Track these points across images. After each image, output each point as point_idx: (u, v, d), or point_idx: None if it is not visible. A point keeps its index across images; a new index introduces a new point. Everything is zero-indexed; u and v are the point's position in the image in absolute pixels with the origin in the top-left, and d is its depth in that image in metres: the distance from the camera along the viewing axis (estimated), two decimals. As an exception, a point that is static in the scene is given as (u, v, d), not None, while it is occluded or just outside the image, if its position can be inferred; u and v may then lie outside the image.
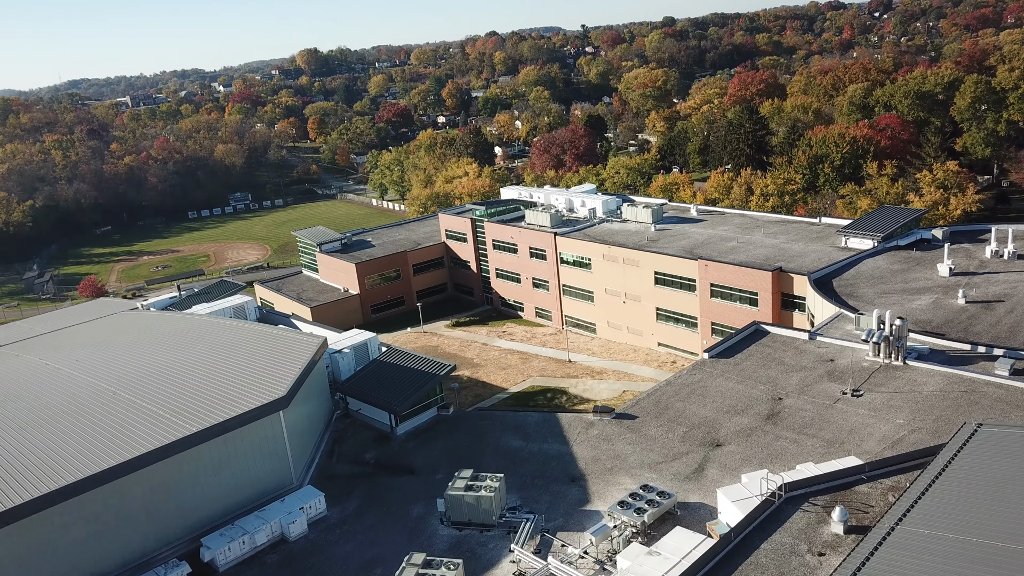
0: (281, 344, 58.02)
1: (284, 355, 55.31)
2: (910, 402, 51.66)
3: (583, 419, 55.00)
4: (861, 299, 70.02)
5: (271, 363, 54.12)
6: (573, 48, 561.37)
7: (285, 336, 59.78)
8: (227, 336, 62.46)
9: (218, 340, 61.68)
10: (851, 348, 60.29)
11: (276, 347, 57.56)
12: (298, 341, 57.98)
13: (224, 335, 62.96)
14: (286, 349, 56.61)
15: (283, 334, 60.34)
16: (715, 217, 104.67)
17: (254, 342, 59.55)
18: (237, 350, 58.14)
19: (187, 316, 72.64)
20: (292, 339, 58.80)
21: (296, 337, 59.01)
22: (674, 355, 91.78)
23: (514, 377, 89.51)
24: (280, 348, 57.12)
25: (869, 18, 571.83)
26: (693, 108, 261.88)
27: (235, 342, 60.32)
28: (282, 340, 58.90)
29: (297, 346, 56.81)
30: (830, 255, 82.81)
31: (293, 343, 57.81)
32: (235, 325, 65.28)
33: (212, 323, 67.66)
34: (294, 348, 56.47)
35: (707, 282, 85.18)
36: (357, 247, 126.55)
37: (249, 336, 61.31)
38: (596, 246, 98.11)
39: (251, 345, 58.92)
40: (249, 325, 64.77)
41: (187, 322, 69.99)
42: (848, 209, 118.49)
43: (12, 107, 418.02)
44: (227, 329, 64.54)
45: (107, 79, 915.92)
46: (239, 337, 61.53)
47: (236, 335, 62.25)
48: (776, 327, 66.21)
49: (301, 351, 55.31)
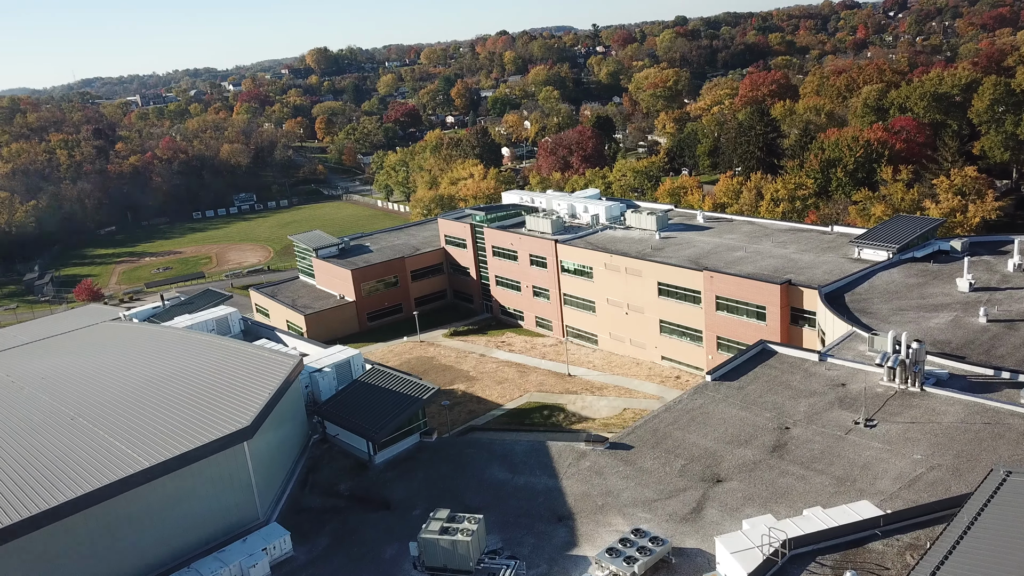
0: (254, 364, 54.46)
1: (255, 377, 51.73)
2: (928, 434, 47.59)
3: (574, 449, 51.15)
4: (875, 316, 65.90)
5: (240, 386, 50.54)
6: (584, 48, 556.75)
7: (259, 355, 56.23)
8: (199, 354, 58.97)
9: (189, 358, 58.19)
10: (864, 371, 56.23)
11: (248, 367, 54.00)
12: (272, 361, 54.41)
13: (197, 352, 59.48)
14: (258, 370, 53.03)
15: (258, 353, 56.80)
16: (722, 224, 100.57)
17: (226, 361, 56.03)
18: (207, 370, 54.63)
19: (164, 329, 69.23)
20: (266, 359, 55.22)
21: (270, 357, 55.44)
22: (678, 370, 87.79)
23: (510, 392, 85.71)
24: (252, 369, 53.55)
25: (884, 17, 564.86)
26: (703, 109, 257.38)
27: (206, 361, 56.82)
28: (256, 359, 55.34)
29: (270, 367, 53.23)
30: (842, 267, 78.65)
31: (267, 363, 54.23)
32: (210, 341, 61.79)
33: (187, 338, 64.22)
34: (267, 369, 52.88)
35: (712, 294, 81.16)
36: (355, 252, 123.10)
37: (222, 354, 57.79)
38: (598, 254, 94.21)
39: (223, 364, 55.40)
40: (224, 341, 61.25)
41: (162, 336, 66.57)
42: (861, 216, 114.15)
43: (20, 106, 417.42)
44: (201, 345, 61.06)
45: (120, 78, 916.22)
46: (212, 355, 58.02)
47: (209, 352, 58.75)
48: (784, 347, 62.18)
49: (273, 373, 51.72)
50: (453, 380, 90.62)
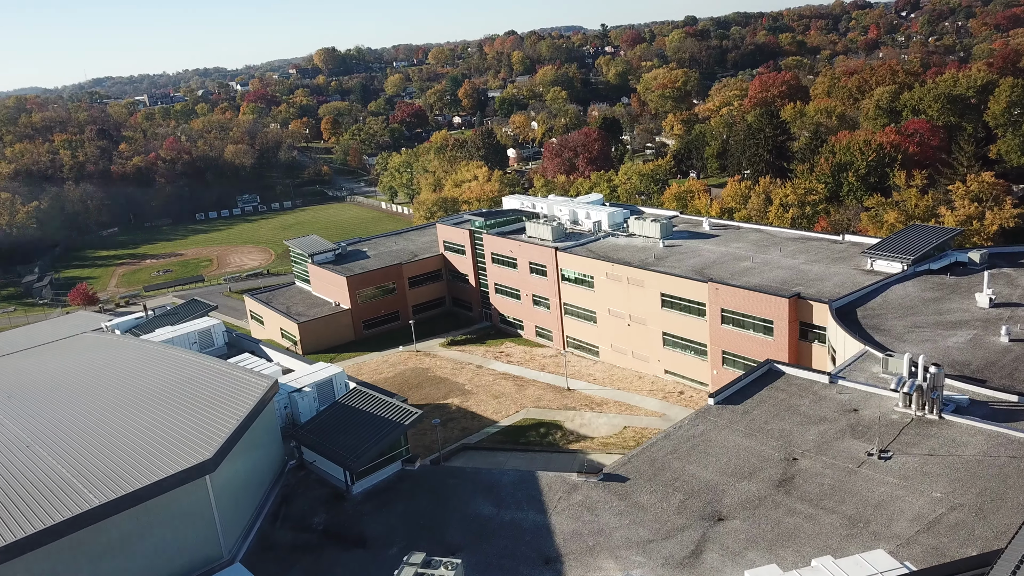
0: (226, 386, 51.16)
1: (225, 401, 48.43)
2: (948, 469, 43.90)
3: (566, 480, 47.60)
4: (889, 333, 62.16)
5: (208, 411, 47.25)
6: (592, 48, 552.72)
7: (232, 375, 52.92)
8: (171, 372, 55.74)
9: (160, 378, 54.97)
10: (878, 396, 52.52)
11: (220, 389, 50.71)
12: (245, 383, 51.09)
13: (168, 370, 56.26)
14: (230, 393, 49.74)
15: (231, 373, 53.49)
16: (729, 233, 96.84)
17: (197, 382, 52.75)
18: (175, 392, 51.37)
19: (140, 344, 66.05)
20: (239, 380, 51.91)
21: (244, 378, 52.12)
22: (682, 384, 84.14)
23: (506, 408, 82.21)
24: (224, 391, 50.26)
25: (896, 17, 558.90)
26: (712, 110, 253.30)
27: (177, 381, 53.57)
28: (228, 380, 52.04)
29: (242, 390, 49.92)
30: (854, 279, 74.87)
31: (239, 385, 50.92)
32: (184, 358, 58.53)
33: (161, 354, 61.01)
34: (238, 392, 49.58)
35: (718, 307, 77.49)
36: (351, 258, 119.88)
37: (194, 373, 54.53)
38: (599, 263, 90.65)
39: (193, 386, 52.12)
40: (199, 359, 57.98)
41: (137, 351, 63.41)
42: (873, 223, 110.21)
43: (26, 106, 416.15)
44: (174, 363, 57.84)
45: (130, 77, 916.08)
46: (183, 374, 54.78)
47: (181, 371, 55.51)
48: (792, 367, 58.45)
49: (245, 397, 48.39)
50: (447, 394, 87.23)
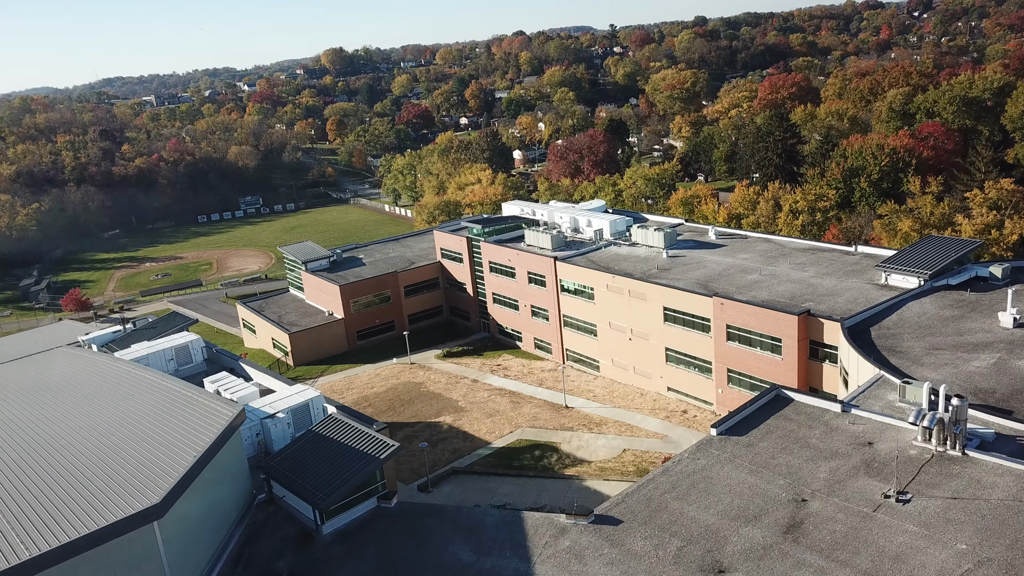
0: (187, 416, 47.47)
1: (184, 434, 44.74)
2: (974, 515, 39.80)
3: (553, 523, 43.66)
4: (905, 356, 57.98)
5: (165, 444, 43.56)
6: (601, 48, 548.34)
7: (196, 403, 49.19)
8: (133, 398, 52.12)
9: (121, 404, 51.37)
10: (894, 427, 48.39)
11: (181, 419, 47.04)
12: (208, 412, 47.37)
13: (130, 396, 52.65)
14: (190, 424, 46.04)
15: (196, 399, 49.75)
16: (736, 242, 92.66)
17: (159, 409, 49.10)
18: (132, 422, 47.75)
19: (109, 363, 62.46)
20: (204, 408, 48.18)
21: (209, 405, 48.38)
22: (685, 403, 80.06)
23: (500, 427, 78.29)
24: (183, 422, 46.57)
25: (908, 18, 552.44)
26: (721, 112, 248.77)
27: (138, 408, 49.95)
28: (191, 409, 48.34)
29: (205, 419, 46.21)
30: (867, 295, 70.67)
31: (201, 415, 47.20)
32: (149, 381, 54.84)
33: (128, 376, 57.36)
34: (199, 424, 45.87)
35: (723, 323, 73.38)
36: (346, 265, 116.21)
37: (156, 400, 50.87)
38: (599, 274, 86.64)
39: (152, 415, 48.47)
40: (165, 382, 54.23)
41: (103, 372, 59.86)
42: (887, 232, 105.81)
43: (31, 106, 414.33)
44: (138, 386, 54.21)
45: (140, 77, 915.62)
46: (146, 400, 51.15)
47: (143, 397, 51.88)
48: (801, 394, 54.32)
49: (206, 429, 44.67)
50: (440, 411, 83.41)
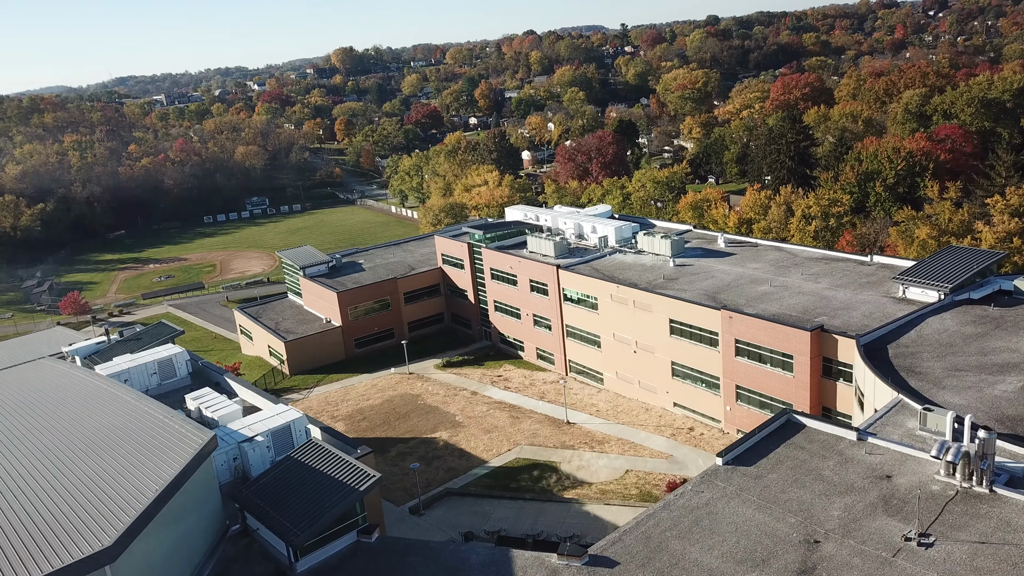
0: (156, 441, 44.57)
1: (150, 462, 41.83)
2: (1003, 562, 36.37)
3: (544, 564, 40.46)
4: (925, 377, 54.48)
5: (127, 476, 40.64)
6: (612, 48, 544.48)
7: (168, 426, 46.25)
8: (102, 419, 49.28)
9: (87, 427, 48.51)
10: (915, 459, 44.94)
11: (148, 446, 44.15)
12: (178, 438, 44.41)
13: (101, 417, 49.83)
14: (158, 450, 43.14)
15: (166, 423, 46.79)
16: (746, 250, 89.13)
17: (125, 434, 46.25)
18: (99, 447, 44.93)
19: (85, 379, 59.61)
20: (173, 433, 45.23)
21: (178, 431, 45.42)
22: (692, 420, 76.65)
23: (498, 444, 75.07)
24: (152, 448, 43.68)
25: (923, 17, 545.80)
26: (732, 113, 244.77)
27: (105, 432, 47.11)
28: (160, 433, 45.43)
29: (172, 447, 43.26)
30: (884, 309, 67.11)
31: (171, 440, 44.27)
32: (122, 401, 51.95)
33: (101, 394, 54.55)
34: (168, 450, 42.93)
35: (732, 337, 69.97)
36: (345, 271, 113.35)
37: (126, 422, 48.03)
38: (603, 284, 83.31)
39: (120, 439, 45.64)
40: (138, 403, 51.31)
41: (78, 389, 57.07)
42: (903, 239, 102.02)
43: (40, 105, 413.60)
44: (110, 407, 51.36)
45: (153, 76, 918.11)
46: (114, 423, 48.31)
47: (112, 419, 49.06)
48: (813, 420, 50.85)
49: (172, 458, 41.71)
50: (436, 426, 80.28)
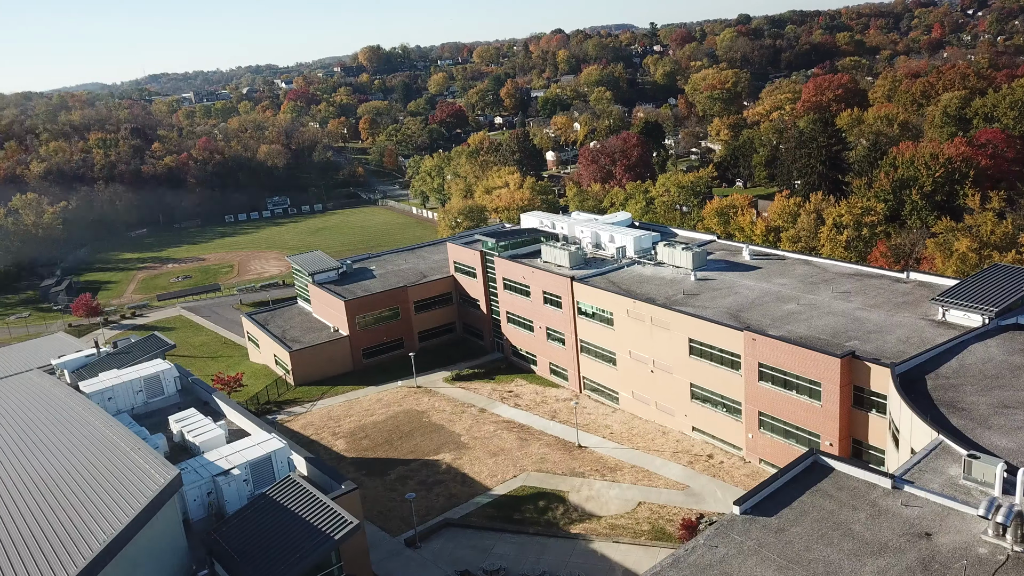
0: (116, 479, 40.83)
1: (105, 504, 38.04)
2: (1063, 648, 31.39)
3: (534, 629, 36.11)
4: (969, 414, 49.27)
5: (75, 522, 36.85)
6: (640, 47, 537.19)
7: (130, 461, 42.46)
8: (66, 451, 45.59)
9: (48, 459, 44.81)
10: (958, 513, 39.89)
11: (105, 486, 40.39)
12: (140, 476, 40.57)
13: (65, 447, 46.16)
14: (116, 491, 39.38)
15: (130, 458, 43.01)
16: (772, 264, 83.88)
17: (86, 469, 42.54)
18: (54, 485, 41.21)
19: (62, 400, 56.10)
20: (134, 470, 41.43)
21: (142, 467, 41.60)
22: (711, 446, 71.75)
23: (504, 470, 70.65)
24: (109, 489, 39.94)
25: (961, 15, 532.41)
26: (762, 115, 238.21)
27: (64, 467, 43.38)
28: (122, 470, 41.66)
29: (132, 487, 39.42)
30: (922, 333, 61.78)
31: (133, 478, 40.44)
32: (91, 428, 48.34)
33: (75, 419, 51.01)
34: (127, 490, 39.10)
35: (755, 360, 64.98)
36: (356, 277, 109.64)
37: (90, 454, 44.41)
38: (619, 298, 78.57)
39: (80, 476, 41.93)
40: (106, 430, 47.64)
41: (53, 411, 53.56)
42: (941, 252, 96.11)
43: (68, 103, 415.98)
44: (78, 435, 47.76)
45: (185, 74, 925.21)
46: (77, 456, 44.65)
47: (78, 450, 45.42)
48: (843, 463, 45.84)
49: (130, 500, 37.84)
50: (440, 447, 76.05)
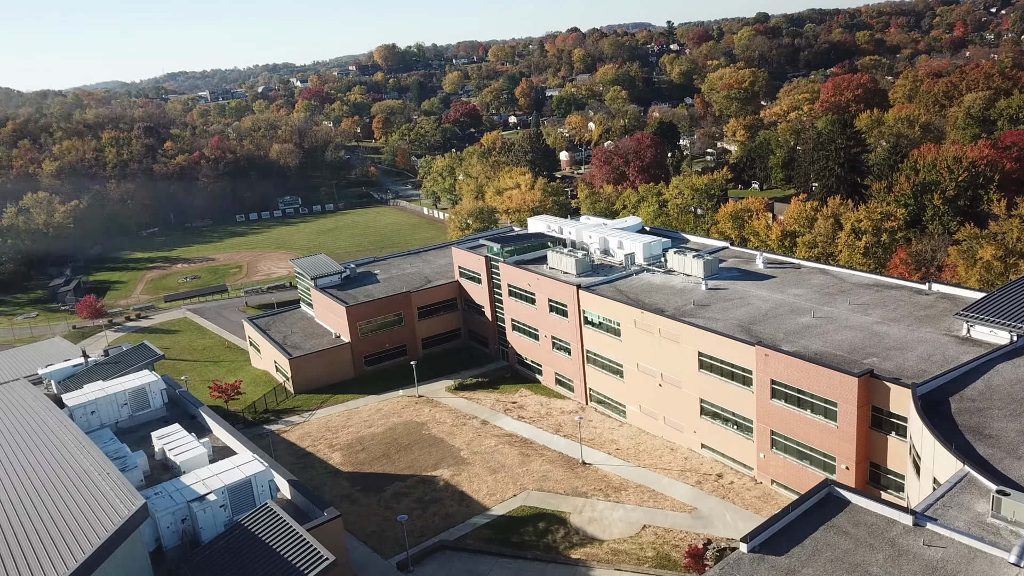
0: (77, 509, 38.28)
1: (62, 540, 35.45)
2: None
3: None
4: (998, 443, 45.87)
5: (24, 563, 34.22)
6: (657, 45, 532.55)
7: (96, 489, 39.87)
8: (31, 476, 43.09)
9: (11, 486, 42.27)
10: (986, 556, 36.63)
11: (65, 518, 37.84)
12: (103, 506, 37.98)
13: (31, 471, 43.67)
14: (76, 523, 36.79)
15: (96, 485, 40.41)
16: (787, 273, 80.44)
17: (48, 497, 39.97)
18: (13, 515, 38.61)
19: (40, 415, 53.64)
20: (99, 499, 38.82)
21: (106, 495, 38.99)
22: (721, 465, 68.51)
23: (504, 488, 67.69)
24: (69, 521, 37.38)
25: (984, 14, 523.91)
26: (779, 115, 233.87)
27: (27, 495, 40.84)
28: (86, 498, 39.08)
29: (93, 518, 36.81)
30: (945, 351, 58.30)
31: (95, 508, 37.85)
32: (61, 451, 45.82)
33: (47, 438, 48.53)
34: (87, 522, 36.50)
35: (767, 377, 61.69)
36: (359, 282, 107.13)
37: (55, 479, 41.89)
38: (626, 308, 75.39)
39: (39, 505, 39.31)
40: (76, 453, 45.12)
41: (27, 428, 51.17)
42: (964, 259, 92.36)
43: (83, 102, 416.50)
44: (47, 456, 45.26)
45: (203, 72, 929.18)
46: (42, 481, 42.14)
47: (44, 474, 42.88)
48: (860, 496, 42.62)
49: (88, 535, 35.22)
50: (438, 463, 73.18)
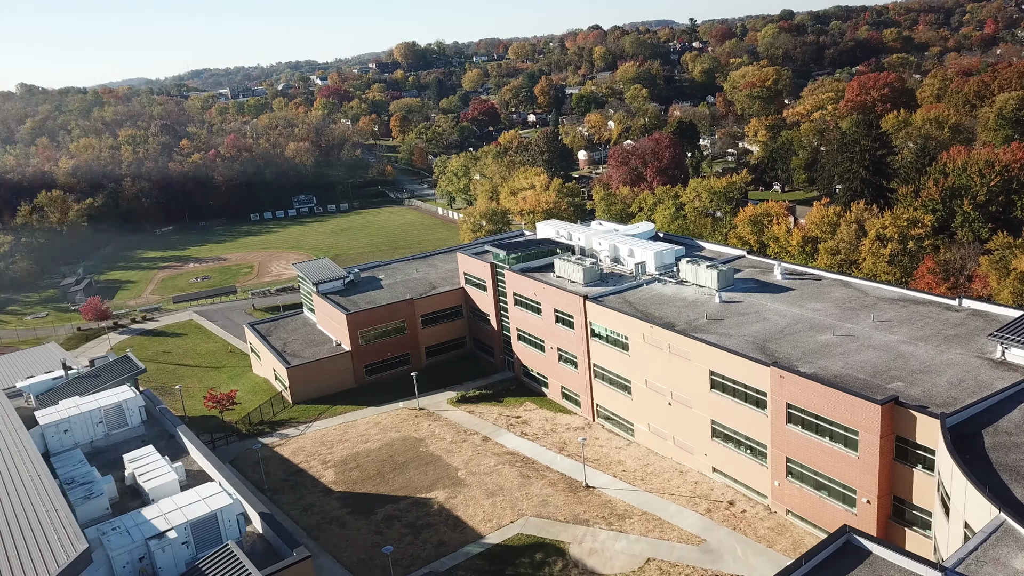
0: (18, 553, 34.76)
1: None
2: None
3: None
4: (1035, 483, 41.40)
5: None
6: (679, 43, 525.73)
7: (41, 529, 36.48)
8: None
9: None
10: (1025, 623, 32.35)
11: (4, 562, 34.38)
12: (44, 550, 34.58)
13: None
14: (16, 570, 33.32)
15: (42, 524, 37.03)
16: (806, 285, 75.88)
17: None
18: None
19: (4, 436, 50.53)
20: (42, 542, 35.42)
21: (52, 536, 35.59)
22: (733, 491, 64.26)
23: (501, 514, 63.81)
24: (9, 565, 33.90)
25: (1016, 11, 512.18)
26: (803, 115, 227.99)
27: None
28: (29, 540, 35.70)
29: (34, 565, 33.39)
30: (977, 375, 53.71)
31: (38, 553, 34.44)
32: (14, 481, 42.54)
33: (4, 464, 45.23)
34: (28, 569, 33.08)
35: (782, 400, 57.37)
36: (363, 287, 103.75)
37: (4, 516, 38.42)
38: (635, 322, 71.22)
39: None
40: (29, 483, 41.90)
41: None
42: (996, 270, 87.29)
43: (103, 99, 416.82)
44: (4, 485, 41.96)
45: (226, 70, 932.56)
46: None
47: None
48: (882, 547, 38.32)
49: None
50: (434, 483, 69.44)
